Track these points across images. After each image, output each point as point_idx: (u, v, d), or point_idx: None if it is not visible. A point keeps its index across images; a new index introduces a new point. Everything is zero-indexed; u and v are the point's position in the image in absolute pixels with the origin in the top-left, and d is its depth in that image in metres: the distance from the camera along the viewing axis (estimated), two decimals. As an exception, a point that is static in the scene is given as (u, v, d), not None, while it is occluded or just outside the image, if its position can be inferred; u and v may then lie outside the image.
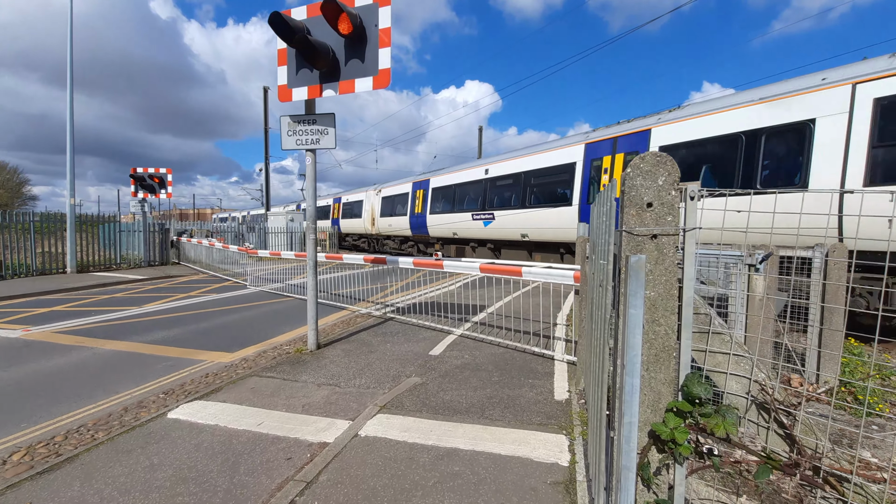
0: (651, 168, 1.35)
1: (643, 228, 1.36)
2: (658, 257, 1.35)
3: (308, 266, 5.77)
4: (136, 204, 16.26)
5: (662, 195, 1.36)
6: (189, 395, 4.34)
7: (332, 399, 4.15)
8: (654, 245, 1.35)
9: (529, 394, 4.21)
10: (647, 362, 1.36)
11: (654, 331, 1.35)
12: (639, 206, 1.36)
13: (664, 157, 1.33)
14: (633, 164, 1.36)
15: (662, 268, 1.35)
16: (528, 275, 5.39)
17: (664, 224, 1.34)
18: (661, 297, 1.34)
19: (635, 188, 1.37)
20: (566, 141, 12.16)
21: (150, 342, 6.44)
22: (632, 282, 1.32)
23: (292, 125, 5.57)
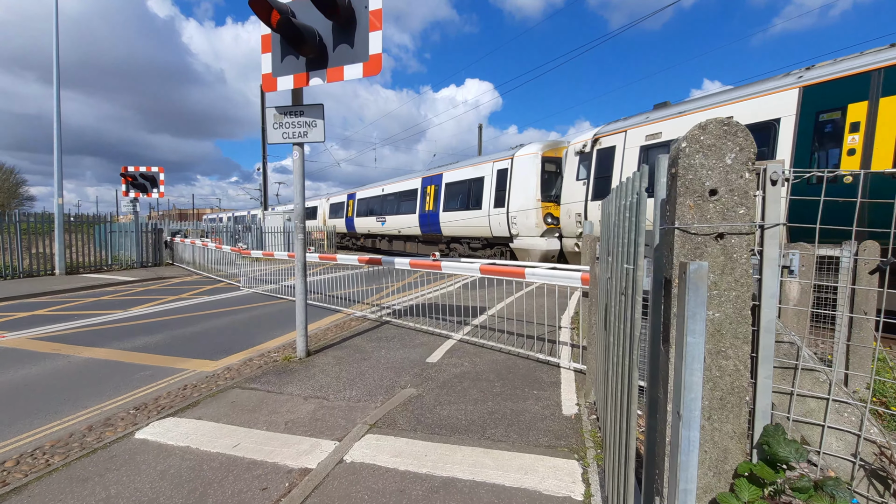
0: (715, 141, 0.98)
1: (704, 225, 1.00)
2: (725, 265, 0.99)
3: (296, 268, 5.40)
4: (128, 203, 15.87)
5: (731, 179, 0.99)
6: (162, 410, 3.97)
7: (319, 415, 3.77)
8: (720, 248, 0.99)
9: (535, 407, 3.84)
10: (708, 408, 1.00)
11: (719, 366, 0.99)
12: (698, 194, 1.00)
13: (734, 126, 0.96)
14: (690, 136, 0.99)
15: (731, 279, 0.98)
16: (532, 276, 5.02)
17: (734, 218, 0.98)
18: (730, 320, 0.98)
19: (693, 170, 1.00)
20: (412, 175, 20.14)
21: (130, 349, 6.07)
22: (690, 299, 0.95)
23: (278, 117, 5.19)
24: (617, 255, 2.20)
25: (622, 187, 2.11)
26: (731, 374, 0.99)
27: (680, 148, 1.01)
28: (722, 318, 0.99)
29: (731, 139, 0.98)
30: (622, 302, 1.96)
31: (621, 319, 1.96)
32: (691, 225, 1.00)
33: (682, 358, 0.98)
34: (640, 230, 1.56)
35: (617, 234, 2.22)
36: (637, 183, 1.64)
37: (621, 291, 1.94)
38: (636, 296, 1.58)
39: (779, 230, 0.97)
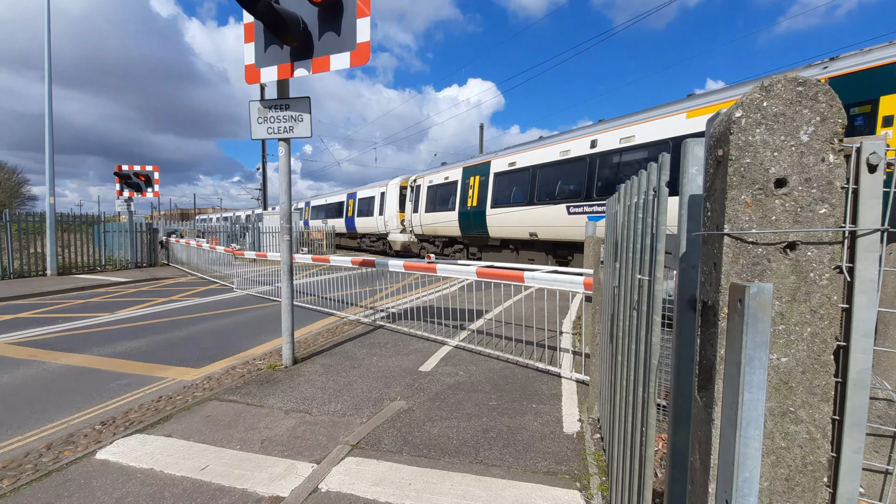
0: (785, 109, 0.68)
1: (768, 231, 0.69)
2: (797, 288, 0.69)
3: (282, 271, 5.10)
4: (122, 203, 15.60)
5: (808, 164, 0.69)
6: (130, 426, 3.67)
7: (299, 432, 3.47)
8: (790, 264, 0.69)
9: (533, 424, 3.53)
10: (769, 492, 0.70)
11: (785, 433, 0.69)
12: (758, 186, 0.69)
13: (813, 87, 0.66)
14: (748, 101, 0.68)
15: (806, 309, 0.68)
16: (531, 280, 4.71)
17: (811, 221, 0.68)
18: (803, 368, 0.69)
19: (751, 151, 0.69)
20: (378, 183, 23.10)
21: (110, 355, 5.78)
22: (747, 337, 0.64)
23: (263, 111, 4.89)
24: (626, 261, 1.89)
25: (633, 183, 1.80)
26: (804, 446, 0.69)
27: (732, 119, 0.70)
28: (791, 364, 0.69)
29: (809, 105, 0.67)
30: (633, 318, 1.65)
31: (632, 339, 1.65)
32: (748, 231, 0.70)
33: (734, 422, 0.67)
34: (660, 234, 1.25)
35: (626, 236, 1.92)
36: (655, 176, 1.33)
37: (633, 306, 1.63)
38: (654, 314, 1.27)
39: (877, 239, 0.67)
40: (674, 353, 1.13)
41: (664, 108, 9.26)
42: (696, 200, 1.06)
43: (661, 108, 9.34)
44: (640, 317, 1.48)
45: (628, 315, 1.76)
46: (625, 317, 1.86)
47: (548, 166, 12.15)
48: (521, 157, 13.05)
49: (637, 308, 1.48)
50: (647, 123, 9.41)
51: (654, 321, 1.27)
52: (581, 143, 11.15)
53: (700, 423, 0.79)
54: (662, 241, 1.24)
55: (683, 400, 1.11)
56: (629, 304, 1.71)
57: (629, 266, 1.81)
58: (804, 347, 0.69)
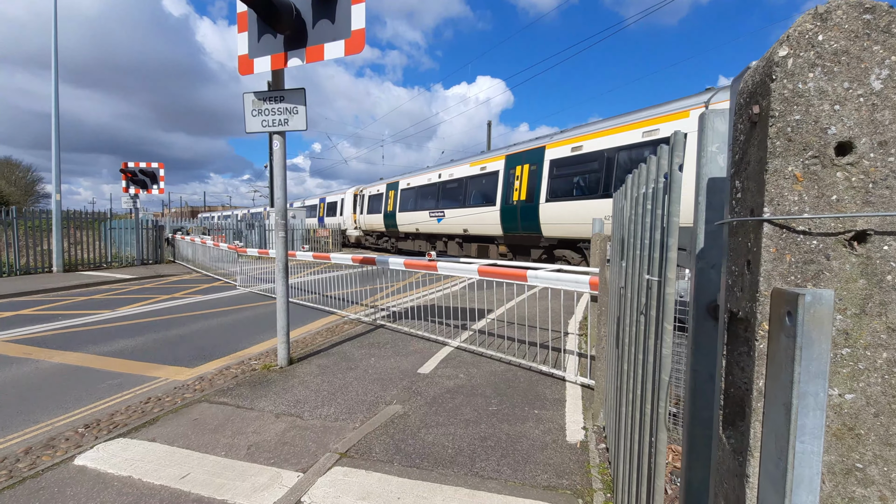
0: (848, 44, 0.48)
1: (827, 216, 0.50)
2: (868, 296, 0.50)
3: (277, 269, 4.95)
4: (129, 200, 15.62)
5: (882, 121, 0.49)
6: (114, 429, 3.54)
7: (288, 437, 3.31)
8: (859, 261, 0.50)
9: (535, 432, 3.33)
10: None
11: (849, 497, 0.51)
12: (812, 152, 0.50)
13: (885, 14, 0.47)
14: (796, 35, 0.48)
15: (882, 325, 0.49)
16: (534, 279, 4.51)
17: (890, 201, 0.49)
18: (875, 409, 0.50)
19: (802, 102, 0.50)
20: (339, 191, 29.16)
21: (106, 354, 5.68)
22: (800, 364, 0.45)
23: (257, 103, 4.74)
24: (633, 259, 1.69)
25: (641, 171, 1.60)
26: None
27: (775, 61, 0.51)
28: (859, 403, 0.49)
29: (881, 40, 0.48)
30: (641, 323, 1.45)
31: (640, 347, 1.45)
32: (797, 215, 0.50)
33: (779, 482, 0.48)
34: (672, 227, 1.05)
35: (633, 232, 1.72)
36: (666, 159, 1.13)
37: (640, 310, 1.43)
38: (664, 322, 1.08)
39: None
40: (688, 368, 0.94)
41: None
42: (716, 185, 0.87)
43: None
44: (648, 323, 1.28)
45: (635, 320, 1.56)
46: (631, 321, 1.66)
47: (430, 185, 18.03)
48: (413, 179, 19.64)
49: (645, 313, 1.28)
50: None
51: (665, 329, 1.07)
52: (461, 169, 16.17)
53: (727, 474, 0.60)
54: (675, 235, 1.05)
55: (700, 427, 0.91)
56: (636, 308, 1.51)
57: (636, 265, 1.61)
58: (878, 380, 0.50)
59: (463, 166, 15.95)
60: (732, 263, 0.62)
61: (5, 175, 49.58)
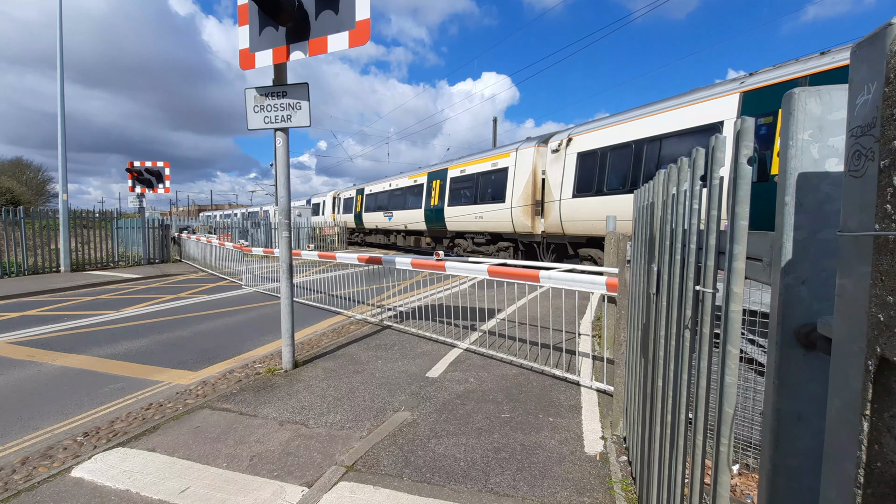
0: None
1: None
2: None
3: (281, 269, 4.81)
4: (135, 199, 15.59)
5: None
6: (114, 437, 3.42)
7: (293, 447, 3.17)
8: None
9: (551, 442, 3.17)
10: None
11: None
12: None
13: None
14: None
15: None
16: (547, 280, 4.33)
17: None
18: None
19: None
20: (322, 194, 32.72)
21: (109, 356, 5.59)
22: None
23: (259, 99, 4.59)
24: (670, 264, 1.51)
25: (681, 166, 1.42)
26: None
27: None
28: None
29: None
30: (686, 339, 1.28)
31: (683, 366, 1.28)
32: None
33: None
34: (738, 233, 0.88)
35: (669, 234, 1.54)
36: (725, 152, 0.95)
37: (685, 324, 1.26)
38: (728, 345, 0.90)
39: None
40: (769, 406, 0.76)
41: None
42: (810, 182, 0.70)
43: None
44: (699, 341, 1.11)
45: (676, 333, 1.39)
46: (669, 334, 1.48)
47: (384, 192, 22.29)
48: (374, 187, 23.78)
49: (697, 330, 1.11)
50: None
51: (729, 354, 0.90)
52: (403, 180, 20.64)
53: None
54: (742, 241, 0.87)
55: (784, 478, 0.74)
56: (679, 321, 1.34)
57: (675, 271, 1.43)
58: None
59: (403, 179, 20.66)
60: (885, 291, 0.45)
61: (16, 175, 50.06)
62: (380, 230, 23.79)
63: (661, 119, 8.90)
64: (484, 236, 15.00)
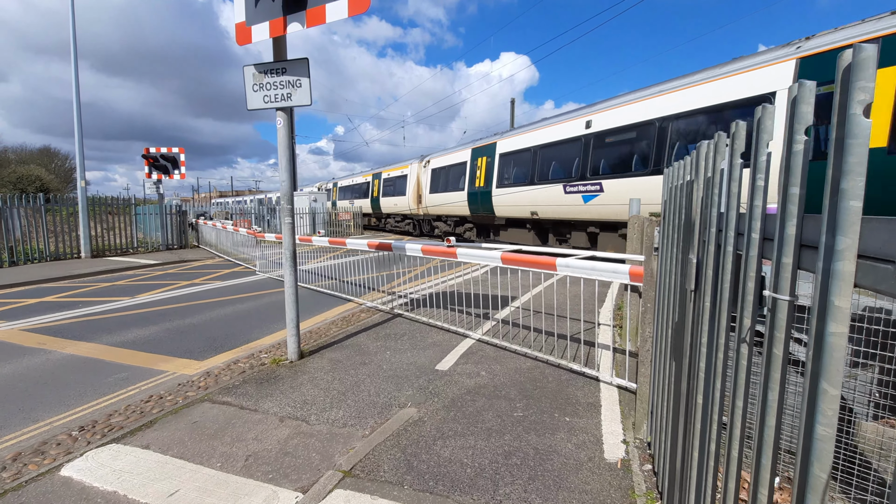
0: None
1: None
2: None
3: (284, 257, 4.61)
4: (152, 185, 15.69)
5: None
6: (109, 432, 3.30)
7: (291, 446, 2.99)
8: None
9: (567, 446, 2.91)
10: None
11: None
12: None
13: None
14: None
15: None
16: (565, 269, 4.02)
17: None
18: None
19: None
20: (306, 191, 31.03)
21: (117, 344, 5.53)
22: None
23: (258, 77, 4.33)
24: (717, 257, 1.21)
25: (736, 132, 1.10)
26: None
27: None
28: None
29: None
30: (744, 356, 0.98)
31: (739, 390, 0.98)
32: None
33: None
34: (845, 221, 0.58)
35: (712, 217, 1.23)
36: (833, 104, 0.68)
37: (742, 337, 0.96)
38: (822, 381, 0.62)
39: None
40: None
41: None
42: None
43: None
44: (768, 366, 0.82)
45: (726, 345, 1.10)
46: (716, 344, 1.19)
47: (350, 185, 28.66)
48: (344, 181, 29.29)
49: (766, 350, 0.82)
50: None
51: (824, 395, 0.61)
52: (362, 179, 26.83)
53: None
54: (853, 232, 0.58)
55: None
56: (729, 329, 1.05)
57: (727, 265, 1.13)
58: None
59: (360, 177, 27.68)
60: None
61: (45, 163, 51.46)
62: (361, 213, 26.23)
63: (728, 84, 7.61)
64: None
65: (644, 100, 9.29)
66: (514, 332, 5.45)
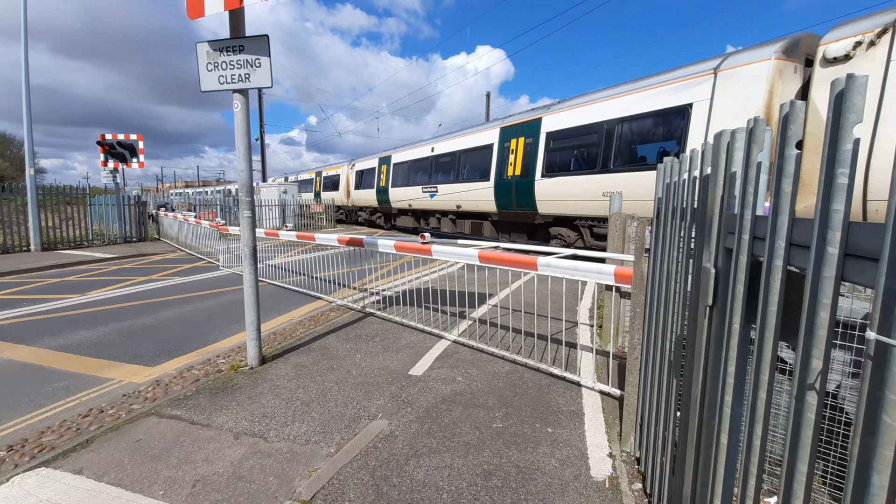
0: None
1: None
2: None
3: (243, 255, 4.24)
4: (108, 175, 14.75)
5: None
6: (40, 453, 2.90)
7: (245, 469, 2.68)
8: None
9: (550, 462, 2.70)
10: None
11: None
12: None
13: None
14: None
15: None
16: (546, 268, 3.81)
17: None
18: None
19: None
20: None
21: (61, 348, 5.04)
22: None
23: (212, 55, 3.92)
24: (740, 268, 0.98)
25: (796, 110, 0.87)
26: None
27: None
28: None
29: None
30: (809, 405, 0.75)
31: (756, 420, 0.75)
32: None
33: None
34: None
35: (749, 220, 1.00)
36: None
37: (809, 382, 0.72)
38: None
39: None
40: None
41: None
42: None
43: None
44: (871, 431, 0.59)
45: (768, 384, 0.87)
46: (755, 383, 0.96)
47: (302, 179, 30.90)
48: (301, 176, 30.66)
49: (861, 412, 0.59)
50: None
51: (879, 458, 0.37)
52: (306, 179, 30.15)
53: None
54: None
55: None
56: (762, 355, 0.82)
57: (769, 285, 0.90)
58: None
59: (305, 174, 30.96)
60: None
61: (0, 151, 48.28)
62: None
63: None
64: None
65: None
66: (492, 332, 5.23)
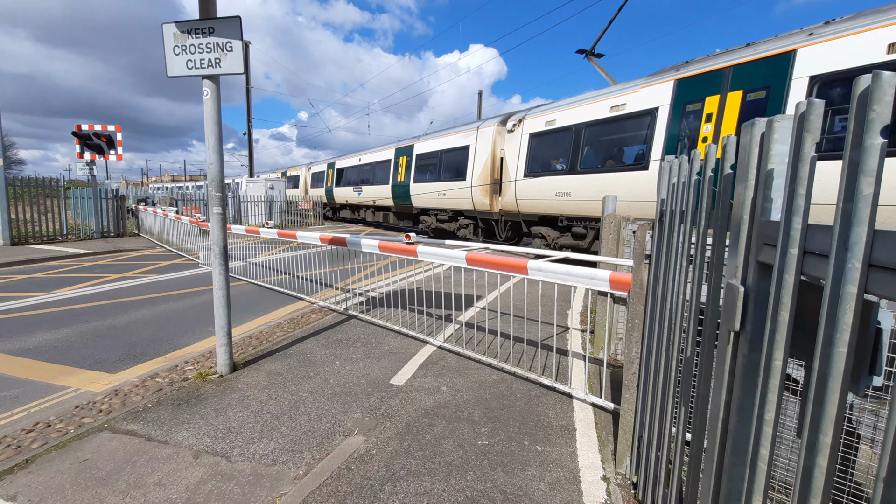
0: None
1: None
2: None
3: (213, 254, 3.94)
4: (84, 167, 14.20)
5: None
6: (-34, 478, 2.59)
7: (201, 495, 2.40)
8: None
9: (540, 487, 2.47)
10: None
11: None
12: None
13: None
14: None
15: None
16: (537, 273, 3.58)
17: None
18: None
19: None
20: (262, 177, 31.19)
21: (16, 352, 4.68)
22: None
23: (180, 37, 3.62)
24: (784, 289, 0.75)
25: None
26: None
27: None
28: None
29: None
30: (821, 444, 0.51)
31: None
32: None
33: None
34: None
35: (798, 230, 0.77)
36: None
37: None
38: None
39: None
40: None
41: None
42: None
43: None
44: None
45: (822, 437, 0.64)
46: (817, 444, 0.73)
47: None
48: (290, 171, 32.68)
49: None
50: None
51: None
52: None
53: None
54: None
55: None
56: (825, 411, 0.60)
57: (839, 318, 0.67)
58: None
59: (273, 174, 32.01)
60: None
61: (-26, 141, 46.88)
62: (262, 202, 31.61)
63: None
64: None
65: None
66: (480, 336, 5.00)
